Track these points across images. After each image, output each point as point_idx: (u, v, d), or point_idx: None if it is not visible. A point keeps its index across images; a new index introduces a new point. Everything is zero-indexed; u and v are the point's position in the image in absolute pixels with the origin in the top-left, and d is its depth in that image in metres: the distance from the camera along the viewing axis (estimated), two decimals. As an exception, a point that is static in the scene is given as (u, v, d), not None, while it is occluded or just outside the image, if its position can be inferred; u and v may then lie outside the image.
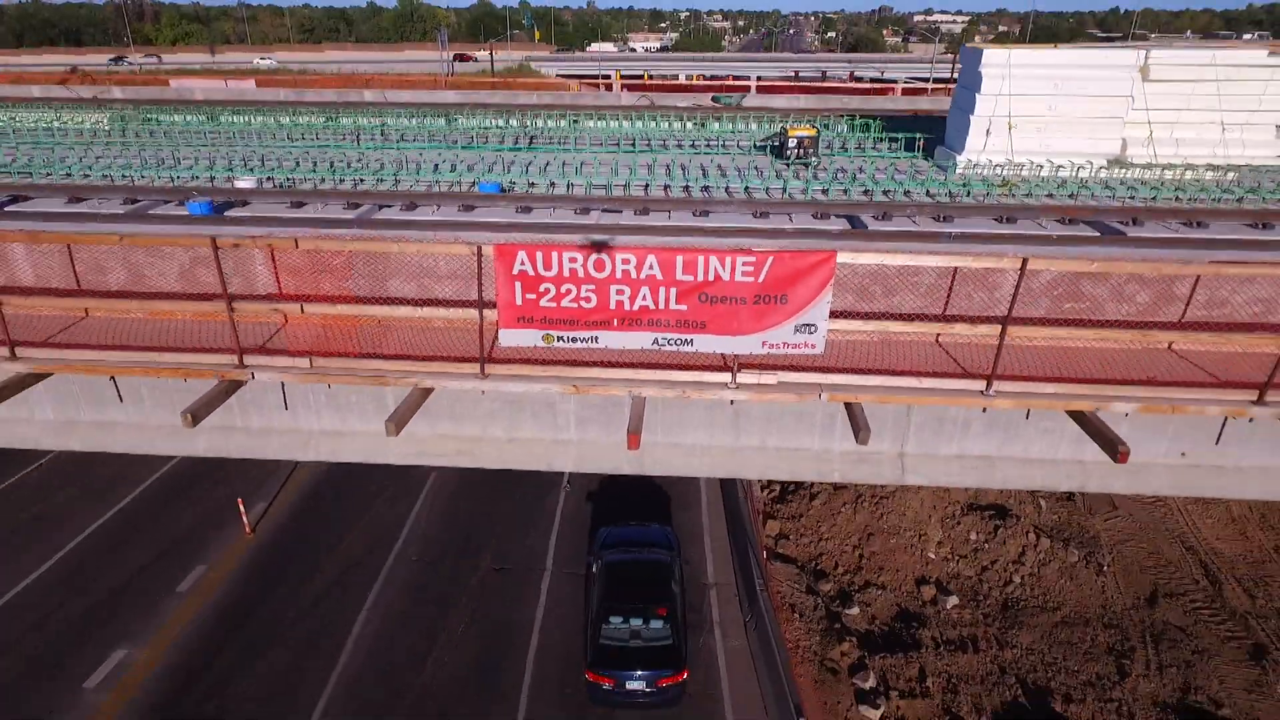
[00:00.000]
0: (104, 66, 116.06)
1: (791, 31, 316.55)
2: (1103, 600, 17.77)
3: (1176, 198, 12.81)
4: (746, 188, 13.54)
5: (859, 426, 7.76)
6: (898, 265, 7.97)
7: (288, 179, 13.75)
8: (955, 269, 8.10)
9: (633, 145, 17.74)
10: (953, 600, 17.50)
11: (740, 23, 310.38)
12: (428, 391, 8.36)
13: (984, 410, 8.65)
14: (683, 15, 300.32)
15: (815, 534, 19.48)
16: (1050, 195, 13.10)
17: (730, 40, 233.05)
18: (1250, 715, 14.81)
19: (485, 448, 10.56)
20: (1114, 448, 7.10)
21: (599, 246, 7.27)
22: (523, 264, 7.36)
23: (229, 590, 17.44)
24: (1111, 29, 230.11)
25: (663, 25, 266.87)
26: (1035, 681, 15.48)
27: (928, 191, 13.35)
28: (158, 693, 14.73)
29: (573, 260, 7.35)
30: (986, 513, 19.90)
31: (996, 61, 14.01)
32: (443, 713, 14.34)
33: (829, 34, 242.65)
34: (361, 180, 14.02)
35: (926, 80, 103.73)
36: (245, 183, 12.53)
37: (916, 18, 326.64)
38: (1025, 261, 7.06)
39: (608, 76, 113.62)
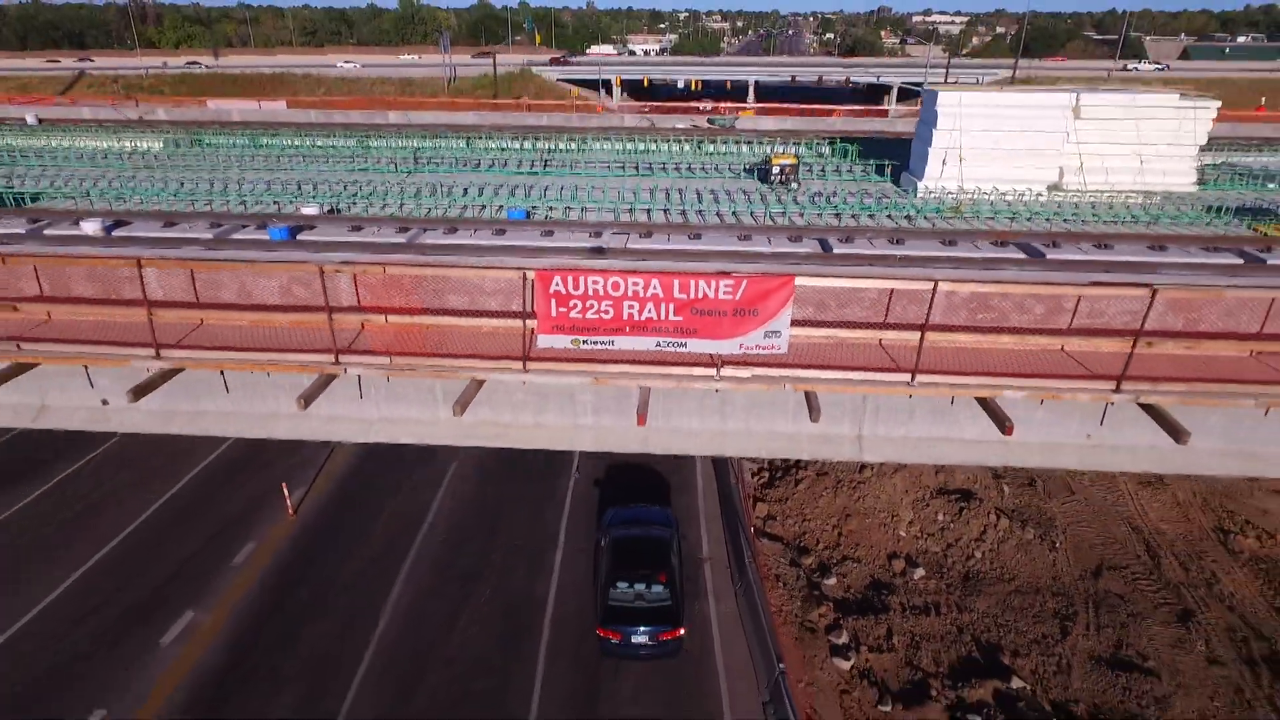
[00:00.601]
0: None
1: (790, 32, 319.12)
2: (1053, 572, 20.15)
3: (1101, 219, 15.20)
4: (734, 212, 15.93)
5: (814, 409, 10.12)
6: (847, 288, 10.33)
7: (344, 205, 16.11)
8: (891, 289, 10.45)
9: (635, 169, 20.11)
10: (920, 572, 19.89)
11: (739, 23, 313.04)
12: (481, 383, 10.72)
13: (909, 397, 10.98)
14: (682, 16, 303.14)
15: (799, 515, 21.87)
16: (993, 218, 15.48)
17: (729, 42, 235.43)
18: (1172, 667, 17.19)
19: (517, 431, 12.93)
20: (1003, 424, 9.43)
21: (615, 272, 9.65)
22: (557, 285, 9.73)
23: (277, 564, 19.81)
24: (1109, 30, 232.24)
25: (662, 26, 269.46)
26: (988, 640, 17.86)
27: (889, 215, 15.73)
28: (224, 648, 17.08)
29: (595, 282, 9.73)
30: (953, 496, 22.28)
31: (950, 102, 16.38)
32: (471, 669, 16.69)
33: (827, 35, 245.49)
34: (403, 204, 16.39)
35: (920, 85, 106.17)
36: (310, 209, 14.86)
37: (915, 18, 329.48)
38: (936, 284, 9.40)
39: (608, 81, 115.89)
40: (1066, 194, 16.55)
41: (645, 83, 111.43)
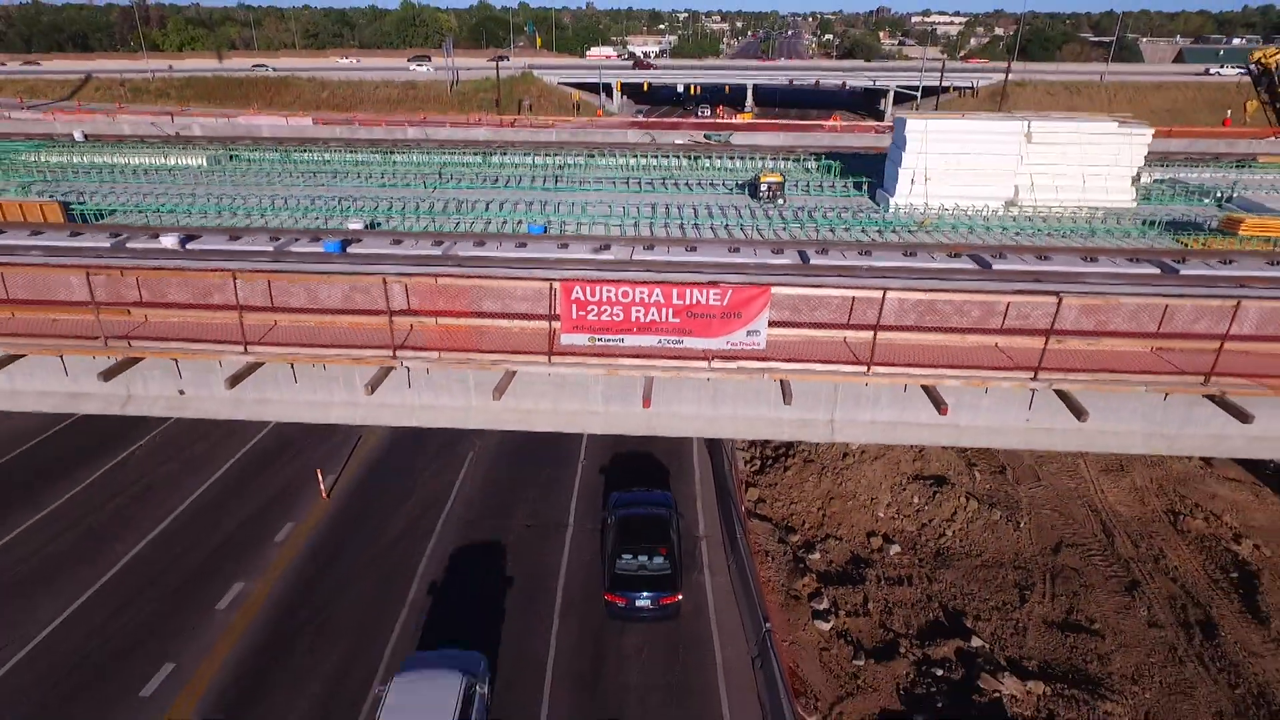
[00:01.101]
0: (119, 74, 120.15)
1: (790, 33, 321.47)
2: (1016, 549, 22.42)
3: (1045, 232, 17.48)
4: (726, 226, 18.19)
5: (788, 395, 12.36)
6: (814, 295, 12.57)
7: (381, 219, 18.36)
8: (853, 297, 12.67)
9: (639, 186, 22.37)
10: (895, 548, 22.16)
11: (739, 24, 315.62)
12: (513, 374, 12.97)
13: (867, 385, 13.21)
14: (681, 17, 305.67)
15: (787, 498, 24.14)
16: (953, 231, 17.75)
17: (728, 43, 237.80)
18: (1116, 629, 19.45)
19: (538, 417, 15.18)
20: (939, 405, 11.66)
21: (624, 283, 11.90)
22: (577, 294, 11.97)
23: (316, 541, 22.06)
24: (1106, 31, 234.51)
25: (661, 27, 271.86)
26: (954, 606, 20.12)
27: (863, 229, 18.00)
28: (273, 612, 19.33)
29: (608, 291, 11.97)
30: (928, 481, 24.55)
31: (917, 128, 18.65)
32: (493, 633, 18.93)
33: (826, 36, 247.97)
34: (434, 219, 18.64)
35: (916, 89, 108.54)
36: (355, 224, 17.08)
37: (914, 19, 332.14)
38: (885, 293, 11.64)
39: (609, 85, 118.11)
40: (1020, 209, 18.82)
41: (645, 87, 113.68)
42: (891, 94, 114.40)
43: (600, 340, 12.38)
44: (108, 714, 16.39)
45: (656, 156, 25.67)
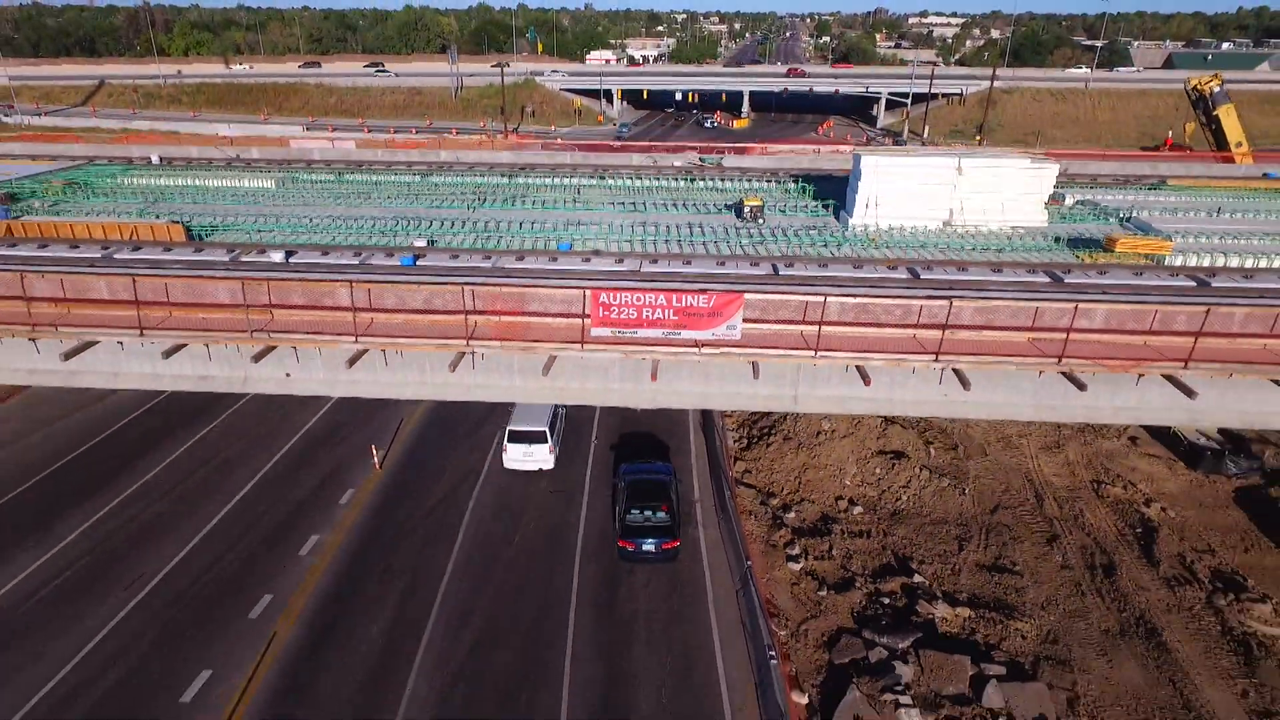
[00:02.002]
0: (132, 80, 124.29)
1: (789, 34, 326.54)
2: (959, 510, 27.07)
3: (968, 248, 22.14)
4: (715, 243, 22.83)
5: (757, 373, 17.00)
6: (776, 300, 17.18)
7: (435, 236, 22.95)
8: (805, 301, 17.26)
9: (644, 207, 27.01)
10: (858, 509, 26.83)
11: (737, 25, 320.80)
12: (554, 358, 17.61)
13: (815, 365, 17.79)
14: (680, 18, 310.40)
15: (769, 470, 28.80)
16: (899, 245, 22.40)
17: (726, 46, 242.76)
18: (1034, 570, 24.10)
19: (569, 393, 19.79)
20: (866, 379, 16.30)
21: (636, 290, 16.54)
22: (604, 298, 16.59)
23: (373, 504, 26.68)
24: (1100, 34, 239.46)
25: (660, 29, 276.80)
26: (903, 553, 24.76)
27: (825, 245, 22.65)
28: (345, 557, 23.93)
29: (625, 297, 16.59)
30: (889, 455, 29.20)
31: (870, 163, 23.30)
32: (525, 573, 23.52)
33: (823, 38, 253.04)
34: (476, 236, 23.24)
35: (906, 95, 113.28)
36: (419, 242, 21.67)
37: (911, 20, 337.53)
38: (826, 299, 16.26)
39: (609, 91, 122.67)
40: (953, 229, 23.48)
41: (645, 95, 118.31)
42: (884, 100, 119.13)
43: (619, 333, 17.01)
44: (224, 632, 20.98)
45: (658, 179, 30.33)
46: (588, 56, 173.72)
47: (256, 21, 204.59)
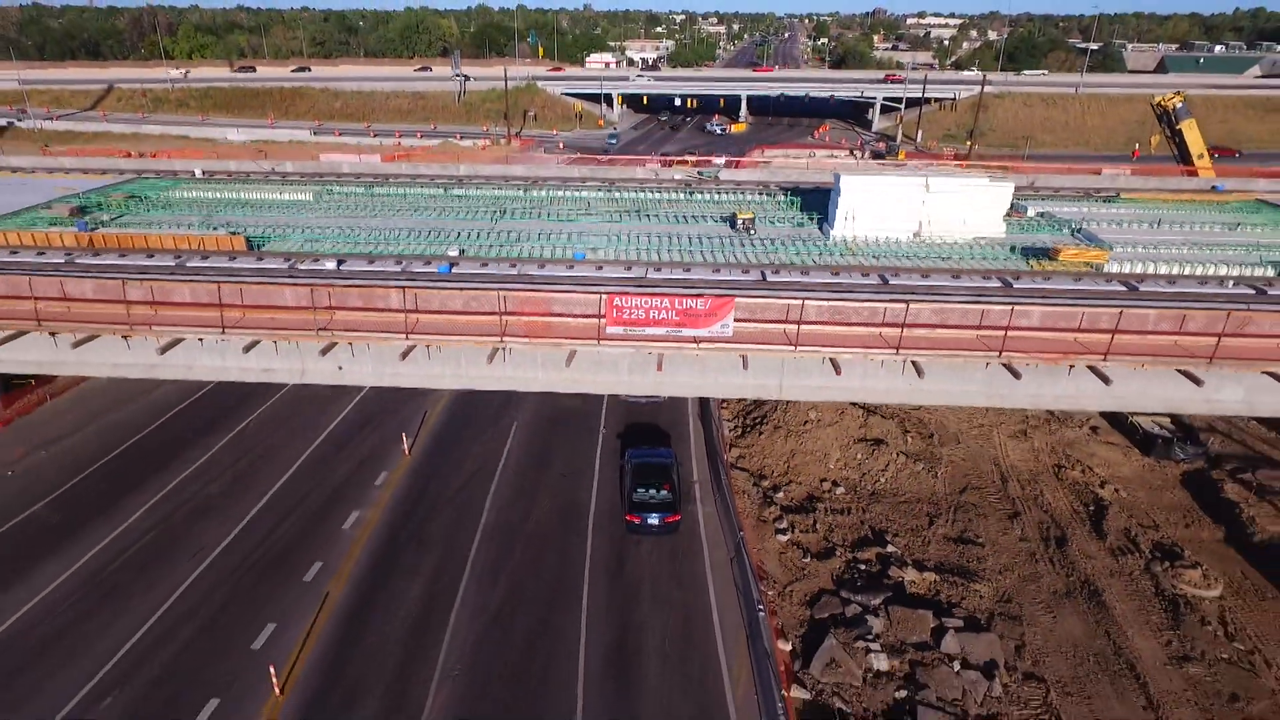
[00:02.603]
0: (139, 84, 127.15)
1: (788, 35, 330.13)
2: (932, 491, 30.35)
3: (934, 257, 25.44)
4: (711, 252, 26.10)
5: (747, 365, 20.28)
6: (762, 303, 20.47)
7: (465, 246, 26.20)
8: (787, 305, 20.52)
9: (649, 218, 30.31)
10: (840, 490, 30.12)
11: (735, 26, 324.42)
12: (574, 353, 20.89)
13: (797, 358, 21.06)
14: (678, 19, 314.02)
15: (761, 455, 32.10)
16: (873, 254, 25.70)
17: (724, 48, 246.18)
18: (994, 542, 27.39)
19: (584, 383, 23.09)
20: (837, 369, 19.56)
21: (644, 294, 19.83)
22: (618, 302, 19.87)
23: (406, 484, 29.95)
24: (1094, 36, 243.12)
25: (658, 30, 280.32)
26: (879, 528, 28.05)
27: (808, 254, 25.93)
28: (384, 530, 27.17)
29: (635, 300, 19.88)
30: (869, 442, 32.49)
31: (848, 183, 26.59)
32: (544, 543, 26.78)
33: (821, 40, 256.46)
34: (502, 246, 26.50)
35: (900, 101, 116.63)
36: (453, 251, 24.92)
37: (910, 20, 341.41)
38: (804, 302, 19.53)
39: (609, 95, 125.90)
40: (922, 240, 26.79)
41: (644, 100, 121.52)
42: (878, 104, 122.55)
43: (630, 331, 20.29)
44: (284, 592, 24.22)
45: (660, 191, 33.64)
46: (588, 59, 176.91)
47: (258, 24, 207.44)
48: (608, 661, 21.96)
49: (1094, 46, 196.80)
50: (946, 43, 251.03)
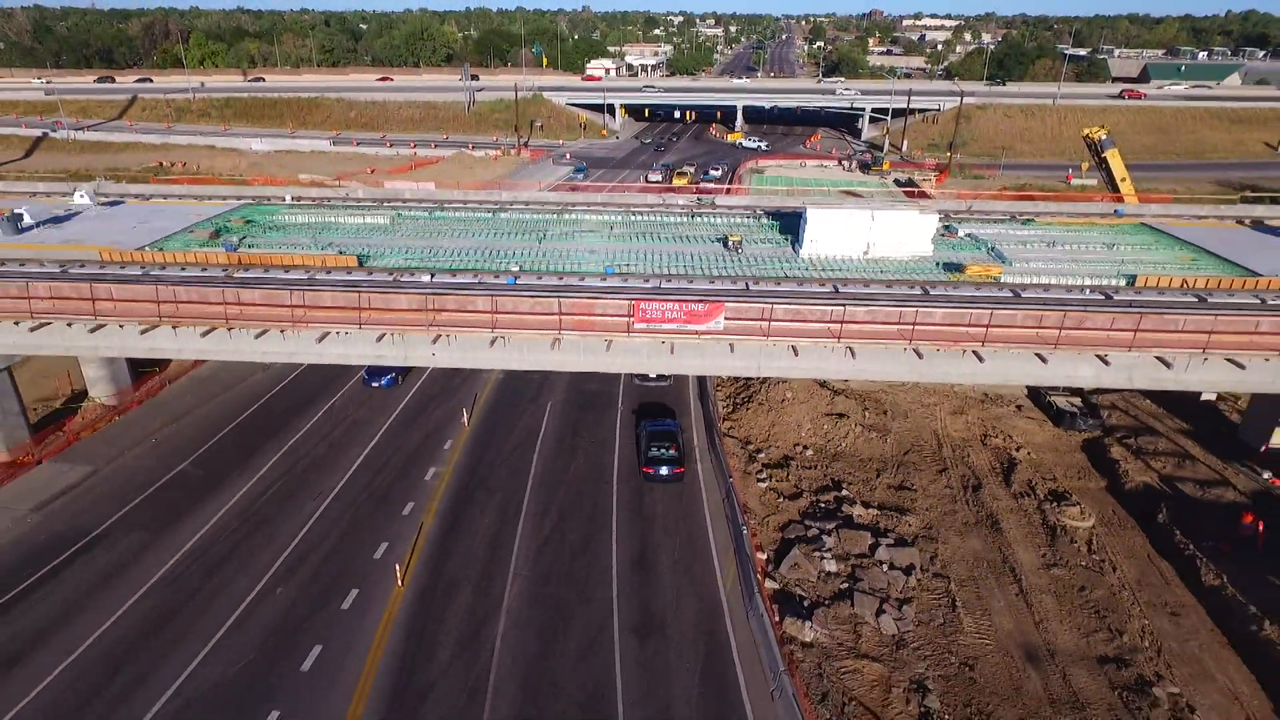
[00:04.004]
0: (163, 95, 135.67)
1: (785, 36, 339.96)
2: (882, 453, 39.44)
3: (874, 271, 34.52)
4: (708, 267, 35.14)
5: (733, 350, 29.32)
6: (744, 307, 29.45)
7: (519, 263, 35.19)
8: (762, 308, 29.48)
9: (659, 238, 39.37)
10: (809, 452, 39.22)
11: (732, 29, 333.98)
12: (610, 342, 29.92)
13: (771, 345, 30.06)
14: (676, 21, 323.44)
15: (747, 426, 41.21)
16: (832, 270, 34.76)
17: (721, 52, 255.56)
18: (926, 489, 36.50)
19: (616, 364, 32.21)
20: (796, 353, 28.54)
21: (660, 300, 28.91)
22: (642, 306, 28.90)
23: (468, 449, 38.99)
24: (1086, 41, 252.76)
25: (656, 33, 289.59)
26: (837, 479, 37.12)
27: (783, 270, 34.99)
28: (456, 481, 36.19)
29: (654, 304, 28.94)
30: (834, 416, 41.60)
31: (813, 215, 35.71)
32: (580, 489, 35.80)
33: (817, 44, 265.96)
34: (547, 262, 35.50)
35: (887, 112, 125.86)
36: (514, 268, 33.88)
37: (906, 21, 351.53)
38: (772, 306, 28.48)
39: (612, 105, 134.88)
40: (869, 258, 35.91)
41: (646, 113, 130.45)
42: (867, 114, 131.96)
43: (650, 326, 29.32)
44: (389, 523, 33.19)
45: (667, 215, 42.74)
46: (588, 65, 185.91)
47: (263, 29, 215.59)
48: (633, 566, 31.00)
49: (1082, 53, 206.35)
50: (940, 47, 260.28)
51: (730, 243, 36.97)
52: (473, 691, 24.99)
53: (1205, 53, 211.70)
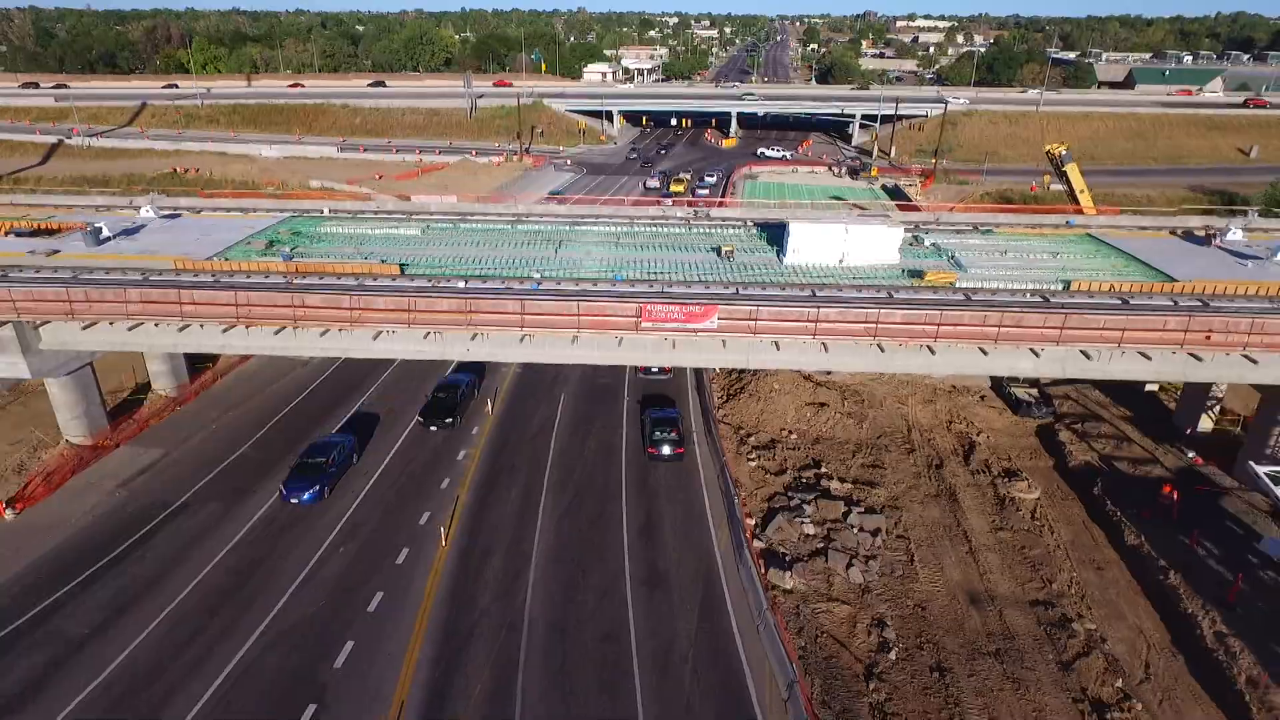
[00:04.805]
0: (172, 101, 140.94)
1: (780, 38, 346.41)
2: (858, 437, 45.40)
3: (846, 277, 40.46)
4: (704, 274, 41.01)
5: (725, 346, 35.20)
6: (733, 309, 35.30)
7: (539, 270, 41.00)
8: (749, 310, 35.29)
9: (661, 247, 45.25)
10: (793, 435, 45.14)
11: (728, 30, 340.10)
12: (620, 339, 35.75)
13: (757, 340, 35.89)
14: (671, 22, 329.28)
15: (739, 414, 47.12)
16: (811, 276, 40.70)
17: (717, 55, 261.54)
18: (894, 466, 42.44)
19: (626, 358, 38.11)
20: (778, 348, 34.42)
21: (664, 303, 34.81)
22: (650, 310, 34.74)
23: (493, 433, 44.81)
24: (1074, 44, 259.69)
25: (651, 35, 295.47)
26: (817, 458, 43.03)
27: (768, 276, 40.88)
28: (484, 462, 42.00)
29: (659, 305, 34.80)
30: (816, 405, 47.54)
31: (795, 228, 41.63)
32: (594, 468, 41.63)
33: (811, 46, 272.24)
34: (563, 268, 41.33)
35: (875, 119, 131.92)
36: (536, 274, 39.68)
37: (900, 23, 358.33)
38: (759, 308, 34.35)
39: (610, 111, 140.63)
40: (844, 266, 41.84)
41: (644, 121, 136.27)
42: (857, 120, 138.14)
43: (655, 325, 35.16)
44: (429, 495, 38.96)
45: (666, 226, 48.63)
46: (585, 69, 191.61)
47: (262, 32, 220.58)
48: (640, 532, 36.83)
49: (1069, 57, 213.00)
50: (932, 50, 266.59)
51: (723, 252, 42.83)
52: (510, 627, 30.77)
53: (1190, 56, 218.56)
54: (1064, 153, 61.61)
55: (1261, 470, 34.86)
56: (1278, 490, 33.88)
